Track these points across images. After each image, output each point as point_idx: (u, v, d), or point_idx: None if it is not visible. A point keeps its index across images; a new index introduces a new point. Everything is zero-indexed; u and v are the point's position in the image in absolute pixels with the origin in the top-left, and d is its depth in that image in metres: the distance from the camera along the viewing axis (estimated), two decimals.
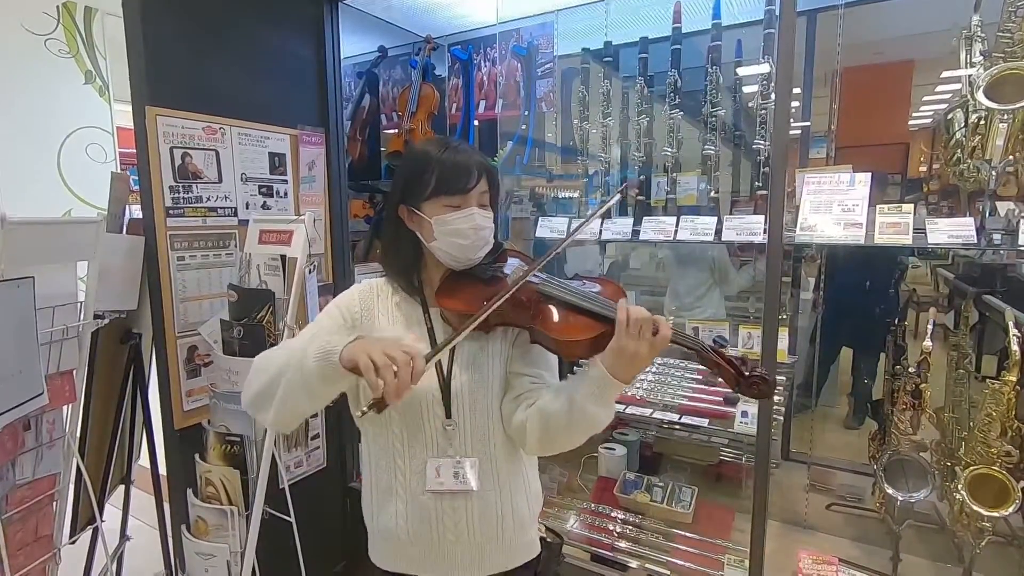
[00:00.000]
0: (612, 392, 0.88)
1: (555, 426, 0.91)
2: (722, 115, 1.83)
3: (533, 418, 0.93)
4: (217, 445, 1.61)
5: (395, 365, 0.76)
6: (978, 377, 1.70)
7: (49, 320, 1.33)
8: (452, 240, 0.97)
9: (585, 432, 0.93)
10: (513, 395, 1.00)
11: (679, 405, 1.92)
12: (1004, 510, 1.44)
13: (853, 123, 2.76)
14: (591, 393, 0.88)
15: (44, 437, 1.40)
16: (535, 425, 0.93)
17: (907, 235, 1.41)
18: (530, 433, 0.93)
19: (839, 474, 2.24)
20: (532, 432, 0.93)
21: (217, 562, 1.60)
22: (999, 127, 1.38)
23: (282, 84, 1.94)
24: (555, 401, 0.91)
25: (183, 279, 1.68)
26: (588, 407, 0.88)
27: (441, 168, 0.96)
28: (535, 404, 0.94)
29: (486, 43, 2.25)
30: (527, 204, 2.54)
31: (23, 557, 1.35)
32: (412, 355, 0.78)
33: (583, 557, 1.86)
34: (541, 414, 0.92)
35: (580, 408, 0.88)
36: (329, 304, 1.06)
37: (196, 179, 1.69)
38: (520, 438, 0.97)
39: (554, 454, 0.99)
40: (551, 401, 0.92)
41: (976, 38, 1.48)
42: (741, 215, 1.70)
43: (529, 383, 0.99)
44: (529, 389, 0.98)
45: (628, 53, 2.02)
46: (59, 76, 3.05)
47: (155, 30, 1.57)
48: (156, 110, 1.58)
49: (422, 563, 1.03)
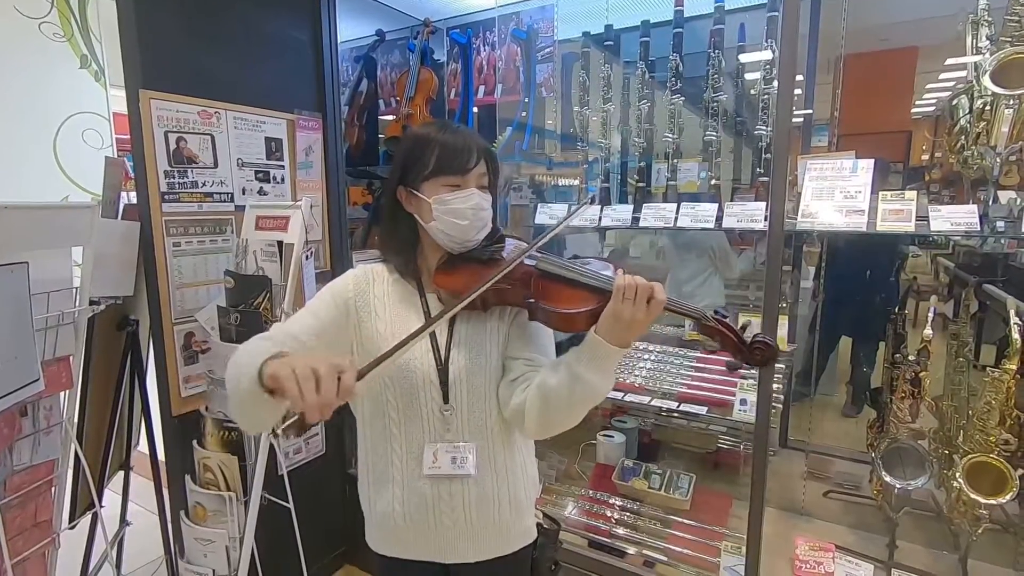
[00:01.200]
0: (611, 359, 0.87)
1: (555, 401, 0.90)
2: (724, 101, 1.80)
3: (532, 396, 0.92)
4: (215, 431, 1.61)
5: (318, 379, 0.72)
6: (977, 366, 1.69)
7: (44, 306, 1.32)
8: (451, 220, 0.96)
9: (585, 404, 0.91)
10: (509, 379, 0.99)
11: (678, 393, 1.92)
12: (1001, 498, 1.45)
13: (856, 110, 2.74)
14: (590, 360, 0.87)
15: (41, 423, 1.40)
16: (534, 403, 0.92)
17: (910, 222, 1.40)
18: (529, 412, 0.92)
19: (837, 462, 2.25)
20: (531, 411, 0.92)
21: (216, 547, 1.61)
22: (1005, 113, 1.36)
23: (278, 68, 1.92)
24: (553, 375, 0.90)
25: (179, 265, 1.67)
26: (587, 375, 0.87)
27: (441, 148, 0.95)
28: (533, 383, 0.94)
29: (485, 27, 2.22)
30: (526, 191, 2.52)
31: (22, 542, 1.35)
32: (341, 369, 0.74)
33: (581, 543, 1.87)
34: (540, 390, 0.91)
35: (579, 377, 0.87)
36: (322, 289, 1.04)
37: (191, 164, 1.67)
38: (519, 420, 0.96)
39: (552, 435, 0.97)
40: (549, 376, 0.91)
41: (983, 22, 1.46)
42: (742, 202, 1.69)
43: (524, 366, 0.98)
44: (524, 372, 0.97)
45: (629, 38, 1.99)
46: (54, 60, 3.00)
47: (148, 12, 1.54)
48: (150, 94, 1.56)
49: (419, 548, 1.04)
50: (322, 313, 1.00)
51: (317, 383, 0.72)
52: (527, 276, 0.96)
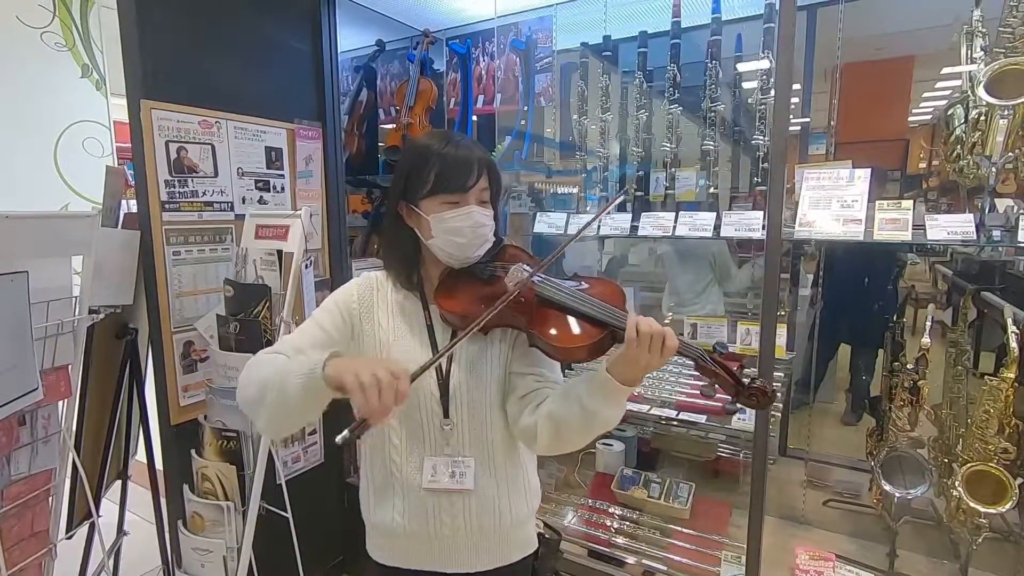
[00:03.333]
0: (623, 395, 0.88)
1: (567, 430, 0.91)
2: (721, 110, 1.82)
3: (544, 423, 0.92)
4: (213, 441, 1.60)
5: (380, 386, 0.74)
6: (976, 374, 1.70)
7: (44, 315, 1.32)
8: (450, 238, 0.96)
9: (598, 432, 0.92)
10: (517, 395, 0.99)
11: (676, 401, 1.92)
12: (1001, 506, 1.44)
13: (853, 119, 2.76)
14: (603, 399, 0.88)
15: (39, 432, 1.39)
16: (546, 429, 0.92)
17: (906, 231, 1.41)
18: (541, 436, 0.93)
19: (836, 470, 2.25)
20: (543, 435, 0.93)
21: (214, 557, 1.60)
22: (999, 123, 1.37)
23: (279, 78, 1.93)
24: (565, 406, 0.90)
25: (179, 274, 1.67)
26: (601, 411, 0.88)
27: (441, 164, 0.95)
28: (544, 407, 0.93)
29: (484, 37, 2.23)
30: (526, 199, 2.53)
31: (19, 552, 1.35)
32: (397, 375, 0.76)
33: (580, 553, 1.86)
34: (552, 419, 0.91)
35: (592, 412, 0.88)
36: (327, 300, 1.04)
37: (192, 173, 1.68)
38: (529, 440, 0.96)
39: (563, 453, 0.99)
40: (561, 406, 0.91)
41: (977, 33, 1.47)
42: (740, 211, 1.70)
43: (533, 381, 0.98)
44: (534, 388, 0.97)
45: (627, 48, 2.01)
46: (55, 70, 3.02)
47: (150, 23, 1.55)
48: (151, 103, 1.57)
49: (420, 558, 1.03)
50: (328, 325, 1.00)
51: (380, 390, 0.74)
52: (528, 301, 0.95)
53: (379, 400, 0.74)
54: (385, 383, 0.74)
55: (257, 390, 0.88)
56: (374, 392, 0.74)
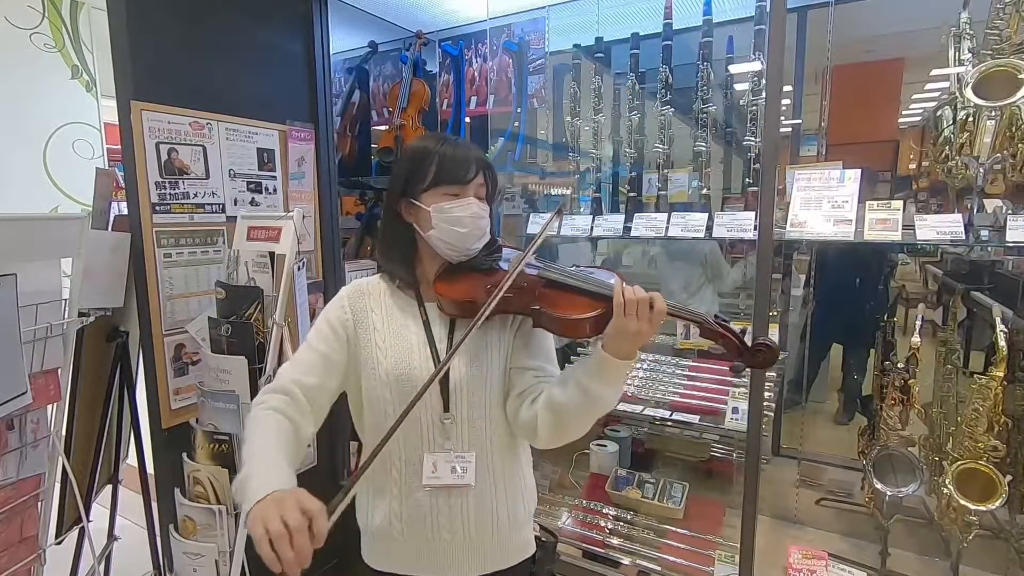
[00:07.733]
0: (620, 370, 0.89)
1: (566, 416, 0.91)
2: (713, 112, 1.83)
3: (543, 412, 0.93)
4: (205, 444, 1.59)
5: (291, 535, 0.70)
6: (966, 372, 1.71)
7: (33, 318, 1.31)
8: (450, 228, 0.97)
9: (598, 414, 0.93)
10: (517, 392, 0.99)
11: (670, 402, 1.92)
12: (991, 504, 1.46)
13: (844, 120, 2.77)
14: (601, 378, 0.88)
15: (28, 437, 1.38)
16: (546, 419, 0.92)
17: (896, 231, 1.42)
18: (541, 428, 0.93)
19: (829, 469, 2.26)
20: (543, 426, 0.93)
21: (205, 562, 1.58)
22: (987, 124, 1.39)
23: (271, 79, 1.92)
24: (563, 392, 0.91)
25: (170, 276, 1.66)
26: (599, 390, 0.88)
27: (441, 159, 0.97)
28: (541, 399, 0.94)
29: (477, 39, 2.23)
30: (519, 201, 2.53)
31: (7, 558, 1.33)
32: (311, 514, 0.71)
33: (575, 554, 1.86)
34: (551, 407, 0.92)
35: (591, 393, 0.88)
36: (319, 318, 1.04)
37: (183, 175, 1.66)
38: (530, 434, 0.97)
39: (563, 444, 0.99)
40: (559, 393, 0.91)
41: (965, 35, 1.49)
42: (732, 212, 1.71)
43: (533, 377, 0.99)
44: (532, 385, 0.98)
45: (619, 49, 2.02)
46: (45, 71, 2.99)
47: (140, 23, 1.54)
48: (141, 105, 1.56)
49: (417, 563, 1.02)
50: (323, 346, 1.00)
51: (290, 539, 0.70)
52: (532, 285, 0.98)
53: (291, 551, 0.69)
54: (295, 528, 0.70)
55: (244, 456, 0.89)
56: (283, 543, 0.69)
